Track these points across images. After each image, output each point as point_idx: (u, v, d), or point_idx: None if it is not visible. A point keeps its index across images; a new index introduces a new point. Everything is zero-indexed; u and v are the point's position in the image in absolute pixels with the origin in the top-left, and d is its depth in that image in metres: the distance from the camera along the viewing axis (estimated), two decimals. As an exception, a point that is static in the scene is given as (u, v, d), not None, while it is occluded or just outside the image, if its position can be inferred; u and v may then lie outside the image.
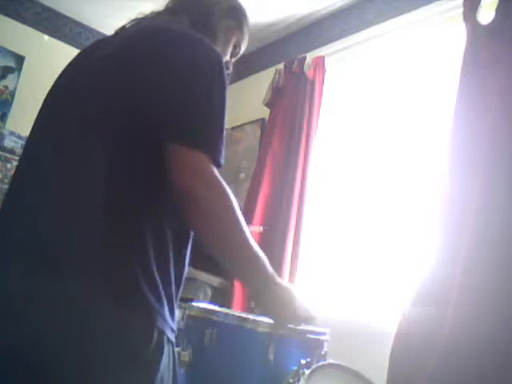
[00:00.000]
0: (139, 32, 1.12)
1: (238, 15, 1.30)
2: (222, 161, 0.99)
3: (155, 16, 1.24)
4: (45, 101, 1.13)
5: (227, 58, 1.30)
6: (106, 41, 1.18)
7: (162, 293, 0.95)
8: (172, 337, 0.98)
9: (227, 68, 1.11)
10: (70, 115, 1.03)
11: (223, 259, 1.04)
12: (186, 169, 0.95)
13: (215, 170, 0.97)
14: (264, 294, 1.07)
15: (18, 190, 1.05)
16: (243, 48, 1.35)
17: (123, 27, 1.23)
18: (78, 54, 1.20)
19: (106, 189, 0.94)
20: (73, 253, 0.91)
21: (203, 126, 0.98)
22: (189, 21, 1.18)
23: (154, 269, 0.94)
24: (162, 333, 0.94)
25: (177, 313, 1.03)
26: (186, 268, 1.07)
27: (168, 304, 0.97)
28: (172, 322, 0.98)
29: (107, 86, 1.01)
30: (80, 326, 0.88)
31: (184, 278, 1.06)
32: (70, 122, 1.02)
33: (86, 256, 0.90)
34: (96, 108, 1.00)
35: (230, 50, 1.31)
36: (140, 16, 1.24)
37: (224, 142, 1.01)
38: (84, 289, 0.88)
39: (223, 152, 1.00)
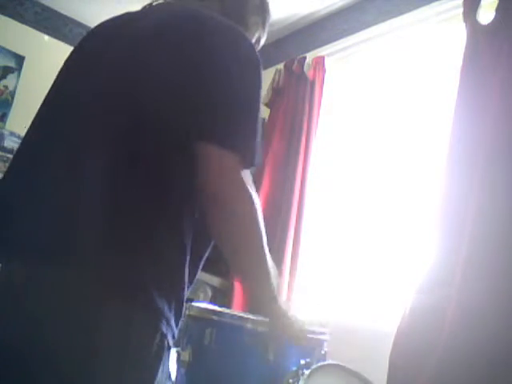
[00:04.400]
0: (176, 16, 1.03)
1: (266, 12, 1.27)
2: (258, 161, 0.96)
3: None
4: (54, 86, 1.08)
5: None
6: (130, 21, 1.07)
7: (173, 297, 0.93)
8: (171, 342, 0.96)
9: None
10: (87, 109, 0.97)
11: (236, 263, 1.02)
12: (215, 168, 0.92)
13: (243, 173, 0.94)
14: (268, 306, 1.07)
15: (25, 183, 0.98)
16: (262, 44, 1.32)
17: (150, 5, 1.14)
18: (90, 35, 1.13)
19: (122, 184, 0.90)
20: (82, 249, 0.88)
21: (240, 126, 0.95)
22: (220, 8, 1.12)
23: (168, 272, 0.92)
24: (164, 337, 0.92)
25: None
26: (199, 272, 1.06)
27: (176, 309, 0.94)
28: (176, 327, 0.96)
29: (139, 72, 0.95)
30: (82, 322, 0.86)
31: (195, 281, 1.06)
32: (85, 115, 0.96)
33: (95, 253, 0.87)
34: (121, 97, 0.94)
35: None
36: None
37: (259, 143, 0.97)
38: (91, 285, 0.86)
39: (259, 153, 0.96)
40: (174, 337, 0.96)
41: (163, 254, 0.92)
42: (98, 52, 1.05)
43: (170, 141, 0.92)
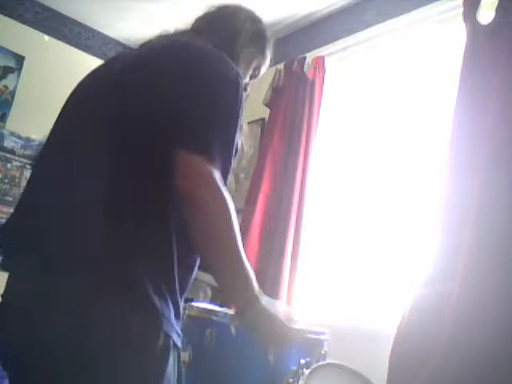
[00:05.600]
0: (160, 44, 1.15)
1: (262, 41, 1.32)
2: (229, 169, 1.00)
3: (179, 33, 1.26)
4: (62, 109, 1.15)
5: (246, 80, 1.32)
6: (129, 52, 1.21)
7: (168, 296, 0.95)
8: (178, 341, 0.97)
9: (245, 89, 1.13)
10: (85, 120, 1.05)
11: (210, 265, 1.02)
12: (189, 172, 0.96)
13: (218, 177, 0.97)
14: (248, 311, 1.03)
15: (32, 190, 1.07)
16: (263, 70, 1.38)
17: (149, 41, 1.24)
18: (99, 66, 1.22)
19: (112, 190, 0.95)
20: (78, 252, 0.91)
21: (211, 135, 0.99)
22: (212, 43, 1.19)
23: (160, 272, 0.95)
24: (168, 336, 0.94)
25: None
26: (194, 272, 1.07)
27: (174, 307, 0.96)
28: (177, 326, 0.97)
29: (123, 92, 1.03)
30: (83, 328, 0.88)
31: (190, 282, 1.06)
32: (83, 127, 1.04)
33: (91, 256, 0.91)
34: (110, 113, 1.01)
35: (249, 73, 1.33)
36: (164, 33, 1.26)
37: (233, 152, 1.02)
38: (88, 289, 0.89)
39: (231, 162, 1.01)
40: (178, 335, 0.97)
41: (154, 254, 0.95)
42: (95, 80, 1.15)
43: (155, 148, 0.98)
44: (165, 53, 1.09)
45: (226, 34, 1.25)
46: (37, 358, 0.88)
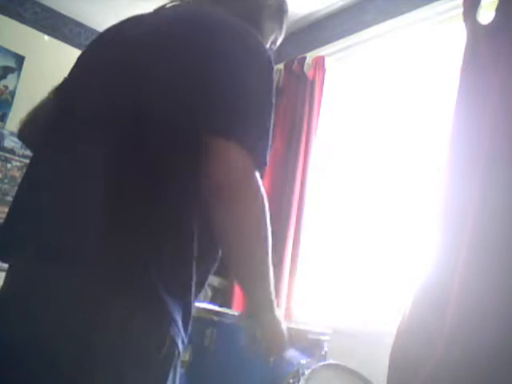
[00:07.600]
0: (185, 15, 1.03)
1: (283, 16, 1.25)
2: (267, 161, 0.92)
3: (196, 2, 1.14)
4: (62, 92, 1.07)
5: None
6: (141, 19, 1.07)
7: (180, 298, 0.89)
8: (181, 349, 0.91)
9: None
10: (97, 100, 0.95)
11: (237, 268, 0.97)
12: (226, 166, 0.87)
13: (257, 174, 0.90)
14: (263, 314, 1.01)
15: (32, 183, 0.99)
16: (278, 44, 1.30)
17: (163, 7, 1.12)
18: (97, 39, 1.11)
19: (126, 181, 0.87)
20: (87, 248, 0.85)
21: (254, 123, 0.90)
22: (233, 14, 1.08)
23: (175, 272, 0.88)
24: (173, 342, 0.88)
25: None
26: (209, 276, 1.02)
27: (184, 310, 0.90)
28: (184, 332, 0.91)
29: (137, 74, 0.92)
30: (85, 324, 0.83)
31: (204, 287, 1.01)
32: (95, 109, 0.95)
33: (100, 252, 0.85)
34: (129, 91, 0.92)
35: (267, 46, 1.25)
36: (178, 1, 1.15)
37: (270, 142, 0.93)
38: (98, 285, 0.83)
39: (268, 153, 0.92)
40: (183, 342, 0.91)
41: (169, 254, 0.88)
42: (102, 57, 1.05)
43: (176, 138, 0.89)
44: (186, 25, 0.97)
45: (250, 6, 1.16)
46: (33, 353, 0.83)
